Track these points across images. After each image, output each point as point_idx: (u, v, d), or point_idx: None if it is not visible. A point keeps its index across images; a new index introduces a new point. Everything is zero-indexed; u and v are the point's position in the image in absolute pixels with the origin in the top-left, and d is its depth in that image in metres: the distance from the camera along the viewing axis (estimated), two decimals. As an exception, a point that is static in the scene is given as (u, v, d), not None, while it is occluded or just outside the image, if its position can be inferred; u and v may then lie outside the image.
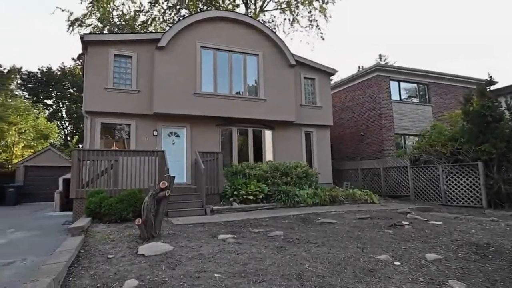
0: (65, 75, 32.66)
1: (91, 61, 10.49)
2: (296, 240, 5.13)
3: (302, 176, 10.41)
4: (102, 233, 5.66)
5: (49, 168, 17.94)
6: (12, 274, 4.48)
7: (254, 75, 12.38)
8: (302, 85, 13.69)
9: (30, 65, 51.16)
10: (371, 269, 3.71)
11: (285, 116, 12.52)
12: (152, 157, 8.40)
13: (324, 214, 7.94)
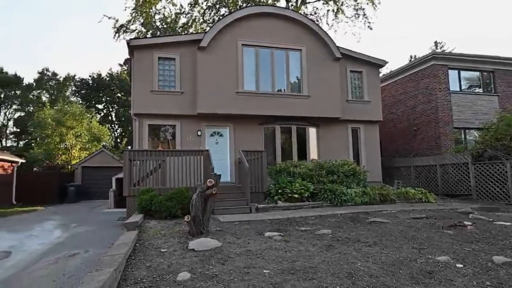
0: (113, 80, 35.53)
1: (137, 65, 11.31)
2: (345, 239, 5.08)
3: (349, 174, 10.19)
4: (154, 229, 6.12)
5: (102, 169, 19.73)
6: (77, 263, 5.08)
7: (297, 71, 12.36)
8: (349, 79, 13.34)
9: (83, 72, 56.43)
10: (429, 270, 3.56)
11: (330, 112, 12.31)
12: (197, 156, 8.84)
13: (374, 213, 7.74)
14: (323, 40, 12.45)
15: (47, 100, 31.71)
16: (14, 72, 33.24)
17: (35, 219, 10.70)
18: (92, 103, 34.23)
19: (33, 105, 32.14)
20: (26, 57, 55.88)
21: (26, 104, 32.88)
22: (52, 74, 35.40)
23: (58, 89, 34.97)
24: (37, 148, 22.98)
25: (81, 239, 7.06)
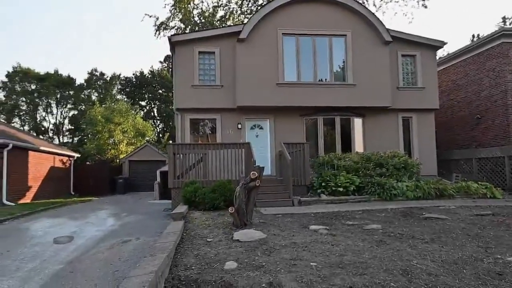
0: (155, 77, 37.38)
1: (178, 61, 11.73)
2: (398, 234, 4.87)
3: (400, 167, 9.69)
4: (198, 219, 6.39)
5: (147, 162, 21.04)
6: (130, 250, 5.50)
7: (341, 58, 11.98)
8: (400, 64, 12.61)
9: (127, 71, 60.12)
10: (499, 271, 3.28)
11: (378, 101, 11.78)
12: (238, 149, 9.02)
13: (430, 209, 7.32)
14: (371, 23, 11.86)
15: (96, 99, 34.32)
16: (68, 73, 36.47)
17: (90, 208, 11.74)
18: (135, 100, 36.36)
19: (85, 104, 34.98)
20: (77, 59, 60.89)
21: (79, 103, 35.83)
22: (100, 74, 38.13)
23: (105, 88, 37.64)
24: (89, 143, 25.10)
25: (131, 227, 7.62)
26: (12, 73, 34.44)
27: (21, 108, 34.67)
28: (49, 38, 60.87)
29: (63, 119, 36.40)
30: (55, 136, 35.17)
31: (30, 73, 34.26)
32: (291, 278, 3.25)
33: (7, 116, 32.93)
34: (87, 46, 63.38)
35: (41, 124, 35.31)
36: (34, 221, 8.83)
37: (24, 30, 58.46)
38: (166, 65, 39.51)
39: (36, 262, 4.82)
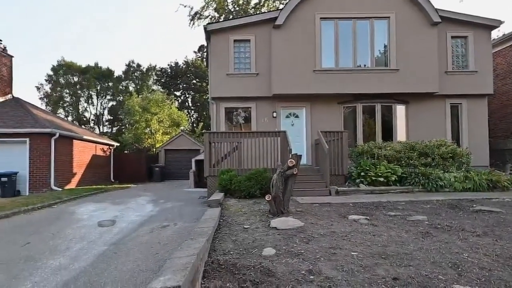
0: (189, 67, 38.21)
1: (213, 50, 11.88)
2: (446, 227, 4.66)
3: (448, 157, 9.19)
4: (234, 207, 6.54)
5: (182, 151, 21.80)
6: (169, 234, 5.77)
7: (384, 42, 11.46)
8: (449, 47, 11.82)
9: (162, 62, 62.01)
10: None
11: (423, 86, 11.18)
12: (274, 138, 9.03)
13: (481, 201, 6.91)
14: (417, 2, 11.17)
15: (133, 90, 35.88)
16: (107, 66, 38.37)
17: (130, 195, 12.44)
18: (171, 90, 37.49)
19: (122, 95, 36.75)
20: (116, 51, 63.81)
21: (117, 94, 37.73)
22: (136, 66, 39.72)
23: (142, 79, 39.22)
24: (127, 133, 26.42)
25: (169, 213, 7.98)
26: (57, 66, 36.98)
27: (65, 100, 37.22)
28: (89, 32, 64.29)
29: (102, 110, 38.57)
30: (95, 126, 37.42)
31: (72, 66, 36.57)
32: (331, 267, 3.25)
33: (53, 107, 35.53)
34: (125, 38, 66.15)
35: (83, 114, 37.72)
36: (79, 205, 9.53)
37: (65, 24, 62.22)
38: (200, 55, 40.20)
39: (83, 243, 5.23)
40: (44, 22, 61.72)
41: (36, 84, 39.96)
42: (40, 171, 13.22)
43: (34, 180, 13.13)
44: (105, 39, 64.38)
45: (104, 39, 64.46)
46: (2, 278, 3.72)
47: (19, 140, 13.09)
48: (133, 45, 64.24)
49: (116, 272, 3.91)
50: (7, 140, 13.01)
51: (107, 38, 64.58)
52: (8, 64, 15.89)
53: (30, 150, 13.15)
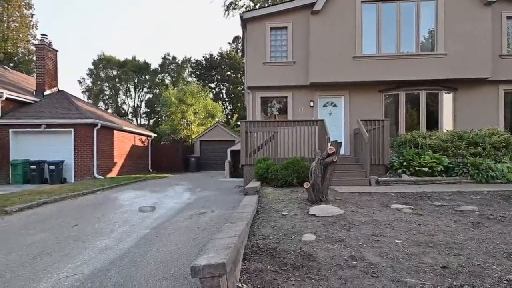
0: (224, 59, 38.70)
1: (250, 38, 11.92)
2: (498, 217, 4.42)
3: (500, 146, 8.59)
4: (272, 195, 6.61)
5: (217, 142, 22.28)
6: (207, 220, 5.98)
7: (430, 25, 10.84)
8: (504, 28, 10.93)
9: (197, 54, 63.30)
10: None
11: (474, 72, 10.46)
12: (311, 126, 8.95)
13: (539, 195, 6.38)
14: (468, -20, 10.43)
15: (169, 82, 37.10)
16: (144, 59, 39.96)
17: (167, 183, 12.97)
18: (205, 82, 38.27)
19: (159, 88, 38.16)
20: (152, 44, 66.14)
21: (154, 86, 39.25)
22: (172, 58, 40.96)
23: (177, 72, 40.44)
24: (164, 124, 27.43)
25: (206, 201, 8.24)
26: (97, 60, 39.14)
27: (105, 93, 39.40)
28: (127, 26, 67.13)
29: (140, 102, 40.36)
30: (133, 119, 39.27)
31: (112, 60, 38.51)
32: (375, 253, 3.22)
33: (94, 100, 37.73)
34: (161, 31, 68.28)
35: (121, 107, 39.72)
36: (120, 192, 10.12)
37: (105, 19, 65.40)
38: (234, 46, 40.55)
39: (126, 226, 5.57)
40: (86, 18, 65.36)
41: (79, 78, 42.52)
42: (84, 160, 14.17)
43: (78, 168, 14.10)
44: (142, 32, 66.94)
45: (141, 32, 67.03)
46: (56, 256, 4.08)
47: (65, 131, 14.08)
48: (169, 38, 66.19)
49: (158, 253, 4.13)
50: (54, 130, 14.04)
51: (144, 32, 67.09)
52: (53, 58, 17.05)
53: (74, 140, 14.10)
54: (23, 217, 6.47)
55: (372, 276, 2.76)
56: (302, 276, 2.97)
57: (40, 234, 5.10)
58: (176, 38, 67.18)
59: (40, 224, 5.80)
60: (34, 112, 14.43)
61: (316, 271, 3.02)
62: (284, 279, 2.95)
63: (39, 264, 3.81)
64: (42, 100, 15.67)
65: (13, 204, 7.17)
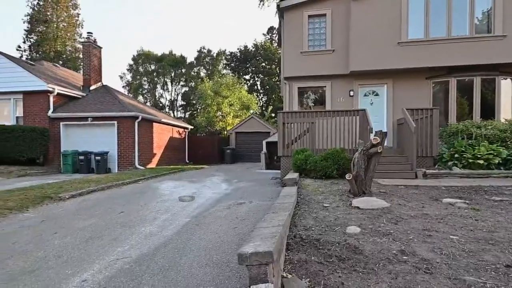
0: (258, 50, 38.66)
1: (287, 28, 11.73)
2: None
3: None
4: (311, 186, 6.51)
5: (252, 134, 22.40)
6: (245, 210, 6.03)
7: (486, 5, 9.99)
8: None
9: (231, 46, 63.76)
10: None
11: (540, 54, 9.51)
12: (351, 117, 8.67)
13: None
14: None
15: (204, 75, 37.81)
16: (180, 53, 41.03)
17: (204, 174, 13.28)
18: (240, 74, 38.54)
19: (194, 81, 39.04)
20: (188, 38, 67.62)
21: (189, 80, 40.23)
22: (207, 51, 41.65)
23: (212, 64, 41.07)
24: (200, 116, 28.05)
25: (243, 192, 8.32)
26: (136, 56, 40.82)
27: (143, 87, 41.06)
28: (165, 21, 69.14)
29: (176, 95, 41.59)
30: (170, 111, 40.58)
31: (150, 55, 39.97)
32: (427, 249, 3.05)
33: (133, 94, 39.48)
34: (196, 25, 69.55)
35: (159, 100, 41.20)
36: (161, 182, 10.50)
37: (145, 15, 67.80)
38: (269, 37, 40.34)
39: (168, 214, 5.78)
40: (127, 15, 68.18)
41: (120, 74, 44.71)
42: (126, 151, 14.90)
43: (121, 159, 14.87)
44: (178, 26, 68.61)
45: (178, 26, 68.72)
46: (106, 239, 4.34)
47: (109, 123, 14.89)
48: (204, 31, 67.26)
49: (200, 241, 4.23)
50: (99, 123, 14.91)
51: (180, 26, 68.72)
52: (98, 55, 18.03)
53: (118, 132, 14.88)
54: (75, 203, 6.95)
55: (425, 272, 2.62)
56: (349, 268, 2.90)
57: (91, 219, 5.45)
58: (211, 31, 68.13)
59: (90, 210, 6.20)
60: (82, 106, 15.39)
61: (363, 264, 2.93)
62: (330, 270, 2.89)
63: (91, 247, 4.07)
64: (89, 95, 16.67)
65: (66, 192, 7.73)
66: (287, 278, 2.88)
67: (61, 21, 37.94)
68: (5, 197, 6.84)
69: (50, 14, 37.21)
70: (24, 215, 5.91)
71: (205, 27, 69.73)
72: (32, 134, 13.59)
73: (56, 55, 36.32)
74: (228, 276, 3.18)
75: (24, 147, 13.37)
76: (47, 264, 3.60)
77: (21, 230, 4.94)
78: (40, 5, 36.67)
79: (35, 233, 4.74)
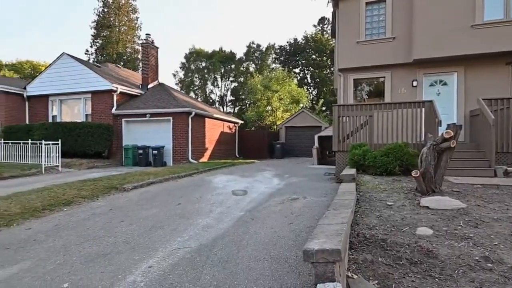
0: (308, 42, 37.93)
1: (342, 17, 11.25)
2: None
3: None
4: (371, 183, 6.18)
5: (303, 128, 22.07)
6: (300, 206, 5.92)
7: None
8: None
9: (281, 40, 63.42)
10: None
11: None
12: (415, 109, 8.04)
13: None
14: None
15: (253, 70, 38.10)
16: (230, 49, 41.80)
17: (255, 169, 13.36)
18: (289, 68, 38.16)
19: (243, 76, 39.55)
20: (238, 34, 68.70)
21: (238, 75, 40.86)
22: (256, 46, 41.90)
23: (261, 59, 41.25)
24: (249, 111, 28.33)
25: (296, 187, 8.20)
26: (188, 54, 42.50)
27: (195, 84, 42.64)
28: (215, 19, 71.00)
29: (226, 91, 42.52)
30: (220, 107, 41.64)
31: (201, 53, 41.35)
32: (522, 258, 2.68)
33: (185, 91, 41.18)
34: (246, 21, 70.36)
35: (209, 96, 42.49)
36: (213, 176, 10.77)
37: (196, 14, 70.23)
38: (320, 28, 39.37)
39: (222, 208, 5.88)
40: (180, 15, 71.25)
41: (173, 72, 46.96)
42: (181, 146, 15.56)
43: (176, 153, 15.58)
44: (228, 23, 69.99)
45: (228, 23, 70.11)
46: (167, 229, 4.53)
47: (165, 119, 15.67)
48: (253, 26, 67.76)
49: (256, 235, 4.23)
50: (156, 119, 15.77)
51: (230, 22, 70.04)
52: (155, 54, 19.07)
53: (173, 127, 15.59)
54: (137, 194, 7.41)
55: (518, 284, 2.30)
56: (422, 273, 2.68)
57: (151, 210, 5.76)
58: (261, 26, 68.34)
59: (150, 201, 6.55)
60: (140, 103, 16.41)
61: (439, 270, 2.68)
62: (400, 274, 2.69)
63: (154, 235, 4.28)
64: (146, 93, 17.74)
65: (129, 183, 8.28)
66: (353, 278, 2.74)
67: (122, 25, 41.13)
68: (79, 187, 7.56)
69: (113, 19, 40.52)
70: (95, 204, 6.46)
71: (254, 22, 70.20)
72: (99, 130, 14.83)
73: (118, 57, 39.42)
74: (287, 272, 3.12)
75: (92, 142, 14.65)
76: (117, 249, 3.86)
77: (93, 217, 5.40)
78: (105, 12, 40.19)
79: (105, 220, 5.13)
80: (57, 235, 4.46)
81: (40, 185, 7.91)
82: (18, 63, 39.61)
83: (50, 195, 6.58)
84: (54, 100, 17.08)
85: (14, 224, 5.02)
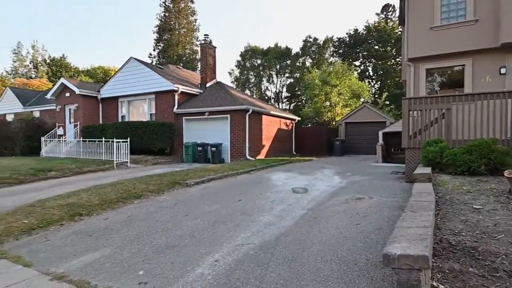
0: (370, 32, 36.05)
1: (413, 3, 10.39)
2: None
3: None
4: (450, 184, 5.59)
5: (364, 124, 21.04)
6: (366, 206, 5.60)
7: None
8: None
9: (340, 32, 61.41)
10: None
11: None
12: (504, 99, 7.06)
13: None
14: None
15: (310, 65, 37.34)
16: (285, 45, 41.56)
17: (314, 167, 13.05)
18: (349, 61, 36.69)
19: (299, 72, 39.02)
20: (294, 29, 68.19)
21: (294, 71, 40.42)
22: (313, 40, 41.01)
23: (318, 53, 40.29)
24: (306, 107, 27.82)
25: (360, 186, 7.82)
26: (244, 52, 43.23)
27: (250, 81, 43.26)
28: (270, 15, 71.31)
29: (281, 87, 42.38)
30: (275, 103, 41.65)
31: (256, 50, 41.79)
32: None
33: (241, 88, 41.96)
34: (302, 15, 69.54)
35: (264, 93, 42.74)
36: (271, 173, 10.74)
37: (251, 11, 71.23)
38: (383, 16, 37.23)
39: (283, 205, 5.80)
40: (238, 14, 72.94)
41: (229, 70, 48.25)
42: (238, 143, 15.86)
43: (233, 150, 15.91)
44: (284, 18, 69.79)
45: (283, 19, 69.93)
46: (230, 225, 4.60)
47: (222, 117, 16.10)
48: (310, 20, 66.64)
49: (321, 235, 4.08)
50: (214, 117, 16.28)
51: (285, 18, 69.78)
52: (213, 54, 19.76)
53: (230, 125, 15.95)
54: (199, 189, 7.70)
55: None
56: (527, 289, 2.30)
57: (213, 205, 5.91)
58: (317, 19, 66.91)
59: (212, 197, 6.75)
60: (199, 102, 17.11)
61: (552, 288, 2.27)
62: (497, 287, 2.35)
63: (218, 231, 4.37)
64: (205, 92, 18.45)
65: (191, 179, 8.65)
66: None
67: (182, 28, 43.68)
68: (147, 181, 8.13)
69: (173, 23, 43.25)
70: (161, 198, 6.86)
71: (311, 16, 68.97)
72: (162, 128, 15.80)
73: (178, 58, 41.81)
74: (358, 276, 2.97)
75: (156, 139, 15.66)
76: (184, 241, 4.03)
77: (160, 210, 5.73)
78: (166, 16, 43.11)
79: (171, 214, 5.41)
80: (130, 226, 4.82)
81: (113, 180, 8.68)
82: (92, 69, 44.41)
83: (122, 189, 7.16)
84: (123, 101, 18.66)
85: (94, 214, 5.56)
